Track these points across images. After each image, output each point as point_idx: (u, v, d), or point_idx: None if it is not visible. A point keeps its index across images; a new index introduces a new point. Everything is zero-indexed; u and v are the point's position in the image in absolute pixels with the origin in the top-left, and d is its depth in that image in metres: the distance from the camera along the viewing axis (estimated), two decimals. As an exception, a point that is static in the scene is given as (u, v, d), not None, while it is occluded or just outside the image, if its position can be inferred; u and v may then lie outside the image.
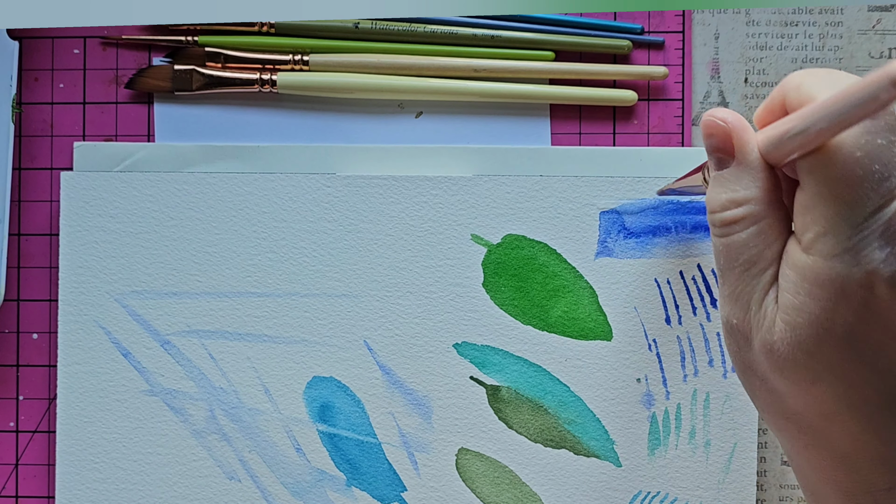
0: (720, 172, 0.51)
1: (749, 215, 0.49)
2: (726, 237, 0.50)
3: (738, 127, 0.51)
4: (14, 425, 0.70)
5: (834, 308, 0.47)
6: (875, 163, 0.46)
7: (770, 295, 0.49)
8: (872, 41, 0.69)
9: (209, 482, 0.68)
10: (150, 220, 0.68)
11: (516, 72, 0.69)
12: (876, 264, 0.46)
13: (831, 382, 0.48)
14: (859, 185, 0.46)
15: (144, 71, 0.69)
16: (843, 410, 0.49)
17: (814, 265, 0.47)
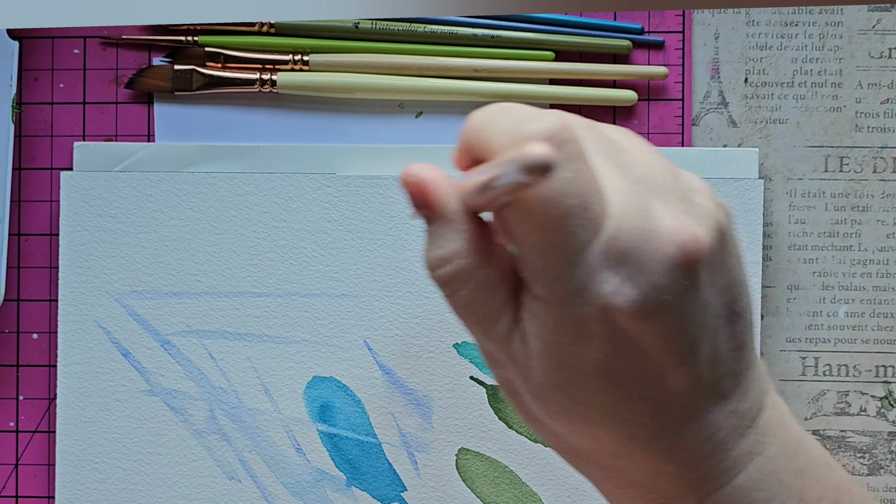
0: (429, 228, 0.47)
1: (460, 271, 0.46)
2: (450, 298, 0.47)
3: (431, 180, 0.47)
4: (14, 425, 0.70)
5: (579, 349, 0.45)
6: (569, 198, 0.44)
7: (516, 342, 0.47)
8: (872, 41, 0.69)
9: (209, 482, 0.68)
10: (150, 220, 0.68)
11: (516, 72, 0.69)
12: (607, 297, 0.44)
13: (605, 421, 0.47)
14: (562, 224, 0.44)
15: (144, 71, 0.69)
16: (627, 445, 0.47)
17: (546, 311, 0.45)
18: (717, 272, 0.46)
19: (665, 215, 0.44)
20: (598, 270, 0.44)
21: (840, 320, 0.69)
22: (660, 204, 0.45)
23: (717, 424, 0.47)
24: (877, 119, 0.69)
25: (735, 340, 0.47)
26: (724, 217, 0.46)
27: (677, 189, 0.45)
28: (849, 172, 0.69)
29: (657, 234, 0.44)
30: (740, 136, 0.69)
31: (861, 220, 0.69)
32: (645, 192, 0.45)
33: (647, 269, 0.44)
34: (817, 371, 0.69)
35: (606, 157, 0.45)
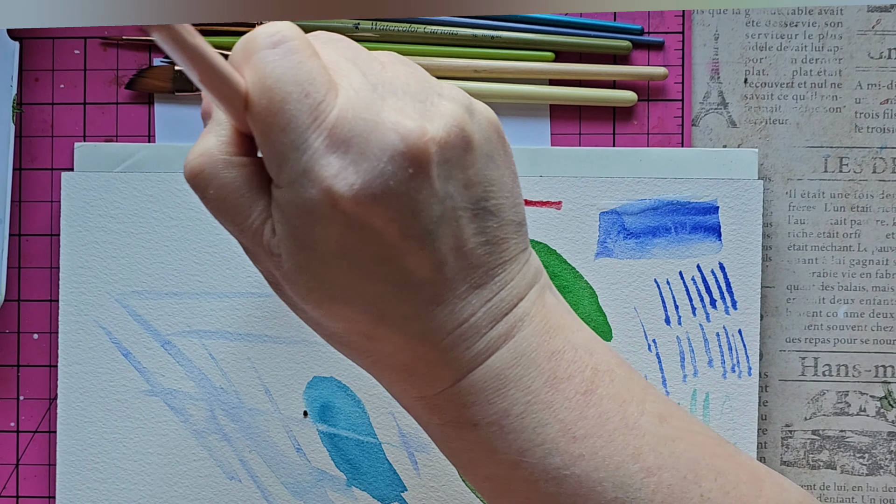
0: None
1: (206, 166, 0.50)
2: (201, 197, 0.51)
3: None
4: (14, 425, 0.70)
5: (314, 231, 0.49)
6: (287, 85, 0.48)
7: (267, 234, 0.50)
8: (872, 41, 0.69)
9: (209, 482, 0.68)
10: (150, 220, 0.68)
11: (516, 72, 0.69)
12: (329, 181, 0.48)
13: (353, 302, 0.50)
14: (281, 109, 0.48)
15: (145, 71, 0.69)
16: (379, 327, 0.51)
17: (282, 196, 0.49)
18: (456, 168, 0.50)
19: (394, 111, 0.49)
20: (322, 155, 0.48)
21: (840, 320, 0.69)
22: (394, 102, 0.49)
23: (471, 311, 0.51)
24: (876, 119, 0.69)
25: (487, 236, 0.51)
26: (470, 120, 0.50)
27: (419, 93, 0.50)
28: (848, 173, 0.69)
29: (381, 125, 0.48)
30: (740, 137, 0.69)
31: (861, 220, 0.69)
32: (381, 91, 0.49)
33: (369, 156, 0.48)
34: (817, 371, 0.69)
35: (351, 62, 0.50)
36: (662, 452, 0.53)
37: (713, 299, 0.67)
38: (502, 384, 0.52)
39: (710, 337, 0.67)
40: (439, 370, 0.52)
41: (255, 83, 0.48)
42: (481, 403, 0.52)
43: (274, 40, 0.49)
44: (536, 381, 0.52)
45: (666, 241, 0.67)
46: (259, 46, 0.49)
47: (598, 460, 0.52)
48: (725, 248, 0.67)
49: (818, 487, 0.69)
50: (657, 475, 0.53)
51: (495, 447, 0.52)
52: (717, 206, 0.67)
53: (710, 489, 0.53)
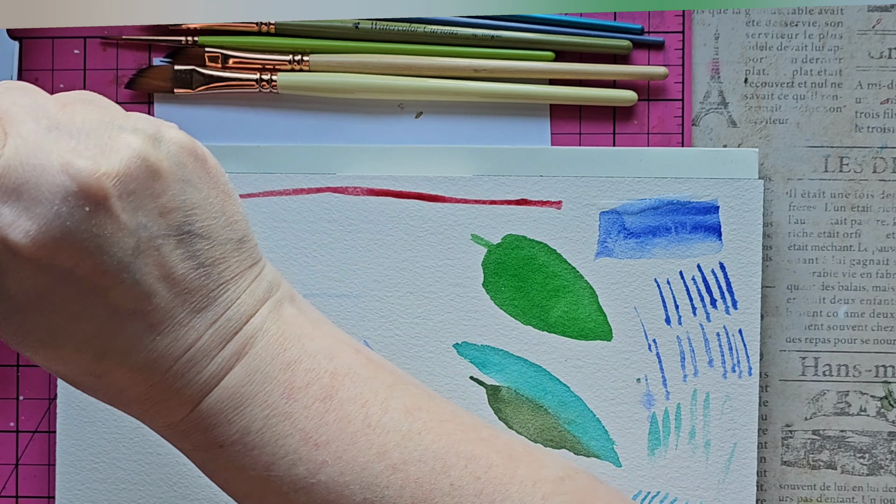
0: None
1: None
2: None
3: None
4: (14, 425, 0.70)
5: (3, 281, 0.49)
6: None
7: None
8: (872, 41, 0.69)
9: (209, 482, 0.68)
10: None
11: (516, 72, 0.69)
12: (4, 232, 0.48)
13: (66, 345, 0.50)
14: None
15: (145, 71, 0.69)
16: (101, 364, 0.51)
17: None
18: (144, 198, 0.49)
19: (66, 152, 0.49)
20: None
21: (840, 320, 0.69)
22: (66, 143, 0.49)
23: (196, 335, 0.51)
24: (877, 119, 0.69)
25: (197, 259, 0.51)
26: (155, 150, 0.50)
27: (96, 130, 0.50)
28: (849, 172, 0.69)
29: (50, 168, 0.48)
30: (740, 137, 0.69)
31: (861, 220, 0.69)
32: (55, 136, 0.49)
33: (42, 201, 0.48)
34: (817, 371, 0.69)
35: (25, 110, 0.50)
36: (408, 447, 0.53)
37: (713, 299, 0.67)
38: (239, 402, 0.52)
39: (710, 337, 0.67)
40: (175, 397, 0.52)
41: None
42: (222, 424, 0.52)
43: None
44: (273, 395, 0.53)
45: (666, 241, 0.67)
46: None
47: (342, 464, 0.53)
48: (726, 248, 0.67)
49: (818, 487, 0.69)
50: (403, 470, 0.53)
51: (244, 465, 0.53)
52: (718, 206, 0.67)
53: (461, 476, 0.54)
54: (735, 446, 0.67)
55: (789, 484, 0.69)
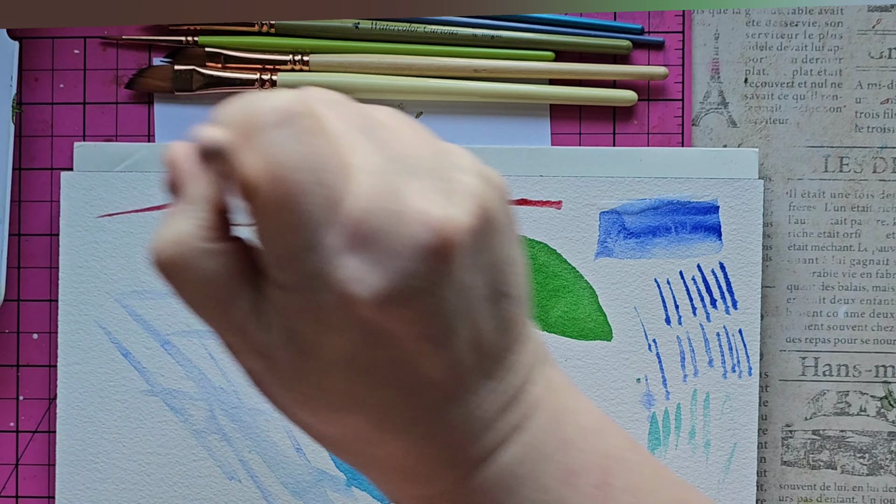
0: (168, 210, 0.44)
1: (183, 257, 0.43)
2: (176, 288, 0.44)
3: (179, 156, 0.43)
4: (14, 425, 0.70)
5: (321, 338, 0.42)
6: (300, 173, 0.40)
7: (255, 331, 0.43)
8: (872, 41, 0.69)
9: (209, 482, 0.68)
10: (150, 219, 0.68)
11: (516, 72, 0.69)
12: (348, 285, 0.41)
13: (355, 410, 0.43)
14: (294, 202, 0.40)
15: (144, 71, 0.69)
16: (382, 433, 0.44)
17: (284, 298, 0.42)
18: (478, 253, 0.43)
19: (418, 195, 0.41)
20: (338, 254, 0.41)
21: (840, 320, 0.69)
22: (415, 183, 0.41)
23: (479, 403, 0.44)
24: (877, 119, 0.69)
25: (500, 320, 0.44)
26: (492, 195, 0.43)
27: (438, 167, 0.42)
28: (849, 172, 0.69)
29: (406, 216, 0.41)
30: (740, 137, 0.69)
31: (861, 220, 0.69)
32: (399, 170, 0.42)
33: (393, 254, 0.41)
34: (817, 371, 0.69)
35: (361, 133, 0.42)
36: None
37: (713, 299, 0.67)
38: (514, 483, 0.45)
39: (710, 337, 0.67)
40: (443, 470, 0.45)
41: (264, 170, 0.40)
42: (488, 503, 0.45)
43: (283, 118, 0.41)
44: (549, 477, 0.45)
45: (666, 241, 0.67)
46: (265, 124, 0.41)
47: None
48: (726, 248, 0.67)
49: (818, 487, 0.69)
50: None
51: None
52: (718, 206, 0.67)
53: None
54: (735, 446, 0.67)
55: (789, 484, 0.69)
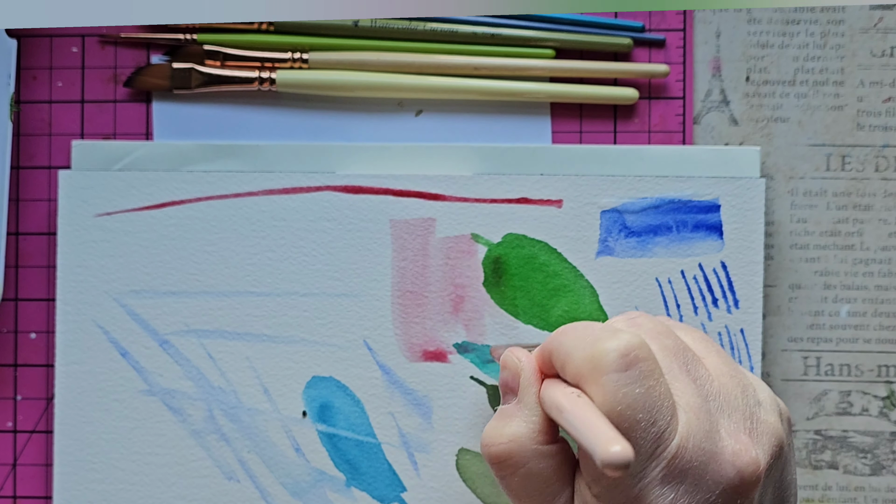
0: (502, 407, 0.52)
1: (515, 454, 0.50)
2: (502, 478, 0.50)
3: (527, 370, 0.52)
4: (12, 425, 0.70)
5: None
6: (638, 412, 0.47)
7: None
8: (874, 39, 0.69)
9: (208, 482, 0.68)
10: (148, 218, 0.68)
11: (516, 70, 0.69)
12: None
13: None
14: (628, 436, 0.47)
15: (143, 69, 0.69)
16: None
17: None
18: (769, 485, 0.49)
19: (729, 437, 0.48)
20: (658, 485, 0.47)
21: (842, 320, 0.69)
22: (726, 422, 0.48)
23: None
24: (879, 118, 0.69)
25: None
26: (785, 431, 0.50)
27: (745, 406, 0.49)
28: (851, 171, 0.69)
29: (720, 457, 0.47)
30: (742, 135, 0.69)
31: (863, 219, 0.69)
32: (713, 409, 0.48)
33: (703, 488, 0.47)
34: (819, 371, 0.69)
35: (682, 369, 0.49)
36: None
37: (715, 298, 0.67)
38: None
39: (711, 336, 0.67)
40: None
41: (604, 406, 0.47)
42: None
43: (626, 362, 0.48)
44: None
45: (667, 240, 0.67)
46: (610, 367, 0.48)
47: None
48: (727, 247, 0.67)
49: (821, 488, 0.69)
50: None
51: None
52: (719, 205, 0.67)
53: None
54: (737, 446, 0.67)
55: (791, 484, 0.69)
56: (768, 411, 0.50)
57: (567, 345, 0.50)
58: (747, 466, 0.48)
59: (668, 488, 0.47)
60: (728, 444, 0.48)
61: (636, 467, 0.47)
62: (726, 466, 0.47)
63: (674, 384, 0.49)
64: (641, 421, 0.47)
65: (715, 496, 0.47)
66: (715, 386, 0.49)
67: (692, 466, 0.47)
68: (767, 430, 0.49)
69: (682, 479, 0.47)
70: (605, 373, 0.47)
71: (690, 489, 0.47)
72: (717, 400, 0.49)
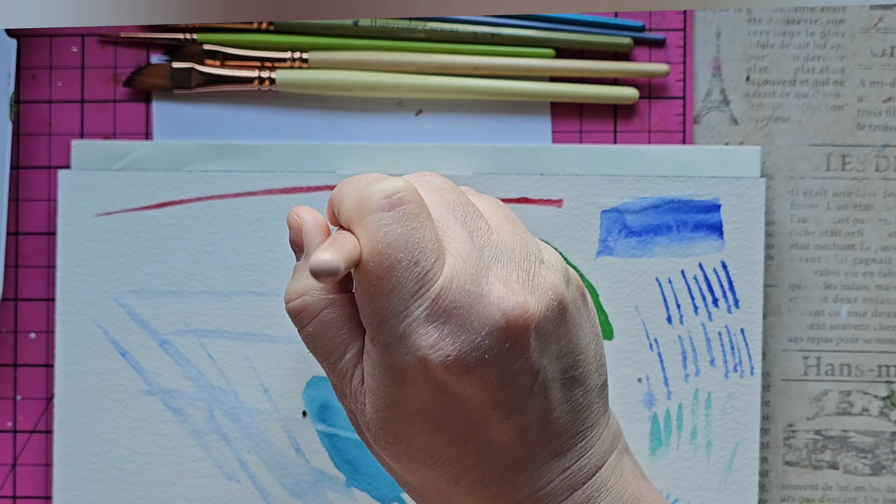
0: (297, 264, 0.53)
1: (306, 306, 0.51)
2: (299, 330, 0.52)
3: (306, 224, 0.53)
4: (12, 425, 0.70)
5: (402, 392, 0.49)
6: (399, 251, 0.48)
7: (356, 379, 0.51)
8: (874, 39, 0.69)
9: (208, 482, 0.68)
10: (148, 218, 0.68)
11: (517, 69, 0.69)
12: (425, 351, 0.48)
13: (431, 462, 0.51)
14: (389, 274, 0.48)
15: (143, 69, 0.69)
16: (453, 486, 0.51)
17: (375, 353, 0.49)
18: (551, 340, 0.50)
19: (499, 282, 0.49)
20: (422, 323, 0.48)
21: (842, 320, 0.69)
22: (498, 270, 0.49)
23: (549, 478, 0.51)
24: (879, 117, 0.69)
25: (572, 404, 0.51)
26: (568, 291, 0.51)
27: (522, 260, 0.50)
28: (851, 171, 0.69)
29: (486, 299, 0.48)
30: (742, 135, 0.69)
31: (863, 219, 0.69)
32: (486, 257, 0.49)
33: (468, 329, 0.48)
34: (819, 371, 0.69)
35: (458, 221, 0.50)
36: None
37: (715, 298, 0.67)
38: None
39: (712, 336, 0.67)
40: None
41: (367, 245, 0.48)
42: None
43: (389, 202, 0.49)
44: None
45: (667, 240, 0.67)
46: (374, 207, 0.49)
47: None
48: (727, 247, 0.67)
49: (821, 488, 0.69)
50: None
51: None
52: (719, 205, 0.67)
53: None
54: (737, 446, 0.67)
55: (791, 484, 0.69)
56: (550, 270, 0.50)
57: (343, 191, 0.51)
58: (513, 309, 0.48)
59: (432, 327, 0.48)
60: (496, 288, 0.48)
61: (400, 305, 0.48)
62: (492, 308, 0.48)
63: (445, 232, 0.49)
64: (403, 260, 0.48)
65: (481, 337, 0.48)
66: (493, 238, 0.50)
67: (456, 307, 0.48)
68: (545, 284, 0.50)
69: (447, 319, 0.48)
70: (368, 213, 0.49)
71: (455, 329, 0.48)
72: (491, 251, 0.50)
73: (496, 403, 0.49)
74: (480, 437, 0.50)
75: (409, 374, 0.49)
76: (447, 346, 0.48)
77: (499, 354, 0.49)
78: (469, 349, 0.48)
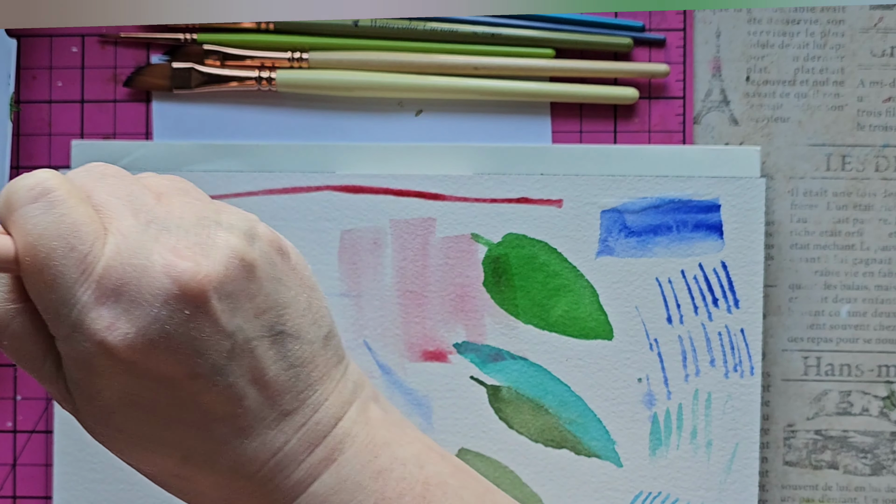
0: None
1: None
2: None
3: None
4: (12, 425, 0.69)
5: (98, 382, 0.48)
6: (52, 240, 0.47)
7: (61, 382, 0.50)
8: (874, 39, 0.69)
9: (208, 482, 0.68)
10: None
11: (516, 69, 0.69)
12: (102, 334, 0.47)
13: (154, 447, 0.50)
14: (47, 265, 0.47)
15: (143, 69, 0.69)
16: (186, 467, 0.50)
17: (62, 348, 0.48)
18: (241, 299, 0.49)
19: (166, 251, 0.48)
20: (91, 308, 0.47)
21: (842, 320, 0.69)
22: (166, 240, 0.48)
23: (285, 438, 0.50)
24: (879, 118, 0.69)
25: (288, 360, 0.50)
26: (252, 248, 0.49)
27: (195, 226, 0.49)
28: (851, 171, 0.69)
29: (151, 269, 0.47)
30: (742, 135, 0.69)
31: (863, 219, 0.69)
32: (153, 229, 0.48)
33: (141, 303, 0.47)
34: (819, 371, 0.69)
35: (123, 201, 0.49)
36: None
37: (715, 298, 0.67)
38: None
39: (711, 336, 0.67)
40: (260, 503, 0.51)
41: (19, 241, 0.47)
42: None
43: (34, 194, 0.48)
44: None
45: (667, 240, 0.67)
46: (20, 202, 0.48)
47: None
48: (727, 247, 0.67)
49: (821, 488, 0.69)
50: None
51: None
52: (719, 205, 0.67)
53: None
54: (737, 446, 0.67)
55: (791, 484, 0.69)
56: (228, 230, 0.49)
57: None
58: (182, 274, 0.47)
59: (104, 309, 0.47)
60: (163, 257, 0.47)
61: (66, 294, 0.47)
62: (161, 277, 0.47)
63: (105, 211, 0.48)
64: (57, 248, 0.47)
65: (157, 309, 0.47)
66: (161, 212, 0.49)
67: (124, 283, 0.47)
68: (221, 245, 0.48)
69: (118, 298, 0.47)
70: (16, 209, 0.48)
71: (129, 306, 0.47)
72: (159, 224, 0.48)
73: (195, 374, 0.48)
74: (193, 412, 0.49)
75: (95, 361, 0.48)
76: (124, 325, 0.47)
77: (180, 322, 0.47)
78: (147, 323, 0.47)
